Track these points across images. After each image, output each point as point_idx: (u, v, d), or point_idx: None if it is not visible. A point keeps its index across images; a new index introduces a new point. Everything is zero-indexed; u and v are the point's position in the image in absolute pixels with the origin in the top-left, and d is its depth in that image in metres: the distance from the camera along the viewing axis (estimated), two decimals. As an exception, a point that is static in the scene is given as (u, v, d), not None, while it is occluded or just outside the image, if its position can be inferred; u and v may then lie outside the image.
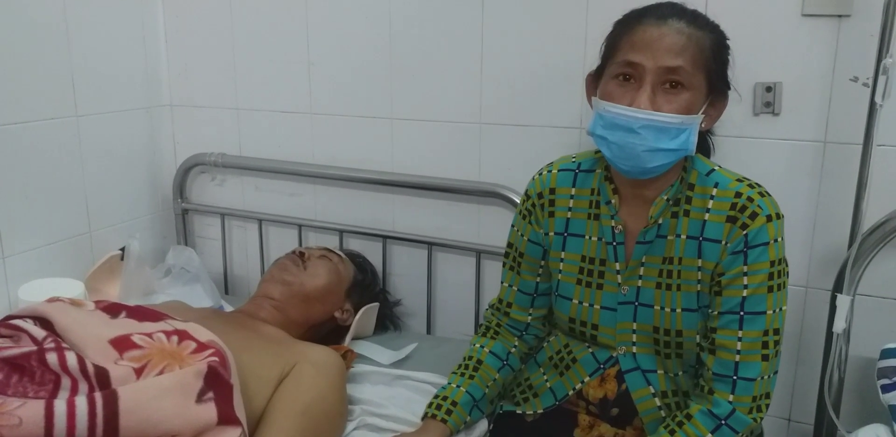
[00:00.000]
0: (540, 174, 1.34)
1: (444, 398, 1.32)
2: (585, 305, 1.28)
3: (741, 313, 1.15)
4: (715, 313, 1.18)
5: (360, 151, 1.88)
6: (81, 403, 0.98)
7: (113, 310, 1.23)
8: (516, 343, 1.39)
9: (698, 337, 1.21)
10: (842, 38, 1.40)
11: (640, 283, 1.24)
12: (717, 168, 1.21)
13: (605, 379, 1.29)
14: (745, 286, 1.15)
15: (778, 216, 1.16)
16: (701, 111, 1.14)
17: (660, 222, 1.21)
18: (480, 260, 1.79)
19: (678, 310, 1.21)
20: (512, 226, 1.38)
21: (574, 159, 1.32)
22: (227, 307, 1.84)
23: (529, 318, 1.38)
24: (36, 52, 1.72)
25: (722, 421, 1.16)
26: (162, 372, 1.07)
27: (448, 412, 1.30)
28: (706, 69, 1.13)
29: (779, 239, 1.15)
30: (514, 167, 1.70)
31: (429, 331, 1.89)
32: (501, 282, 1.41)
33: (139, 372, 1.07)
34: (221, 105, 2.04)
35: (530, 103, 1.68)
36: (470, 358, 1.38)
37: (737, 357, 1.15)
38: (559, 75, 1.62)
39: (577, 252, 1.29)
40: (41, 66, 1.74)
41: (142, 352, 1.10)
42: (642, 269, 1.23)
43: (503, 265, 1.40)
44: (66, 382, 1.04)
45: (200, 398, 1.06)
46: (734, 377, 1.16)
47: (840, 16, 1.39)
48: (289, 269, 1.62)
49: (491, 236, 1.76)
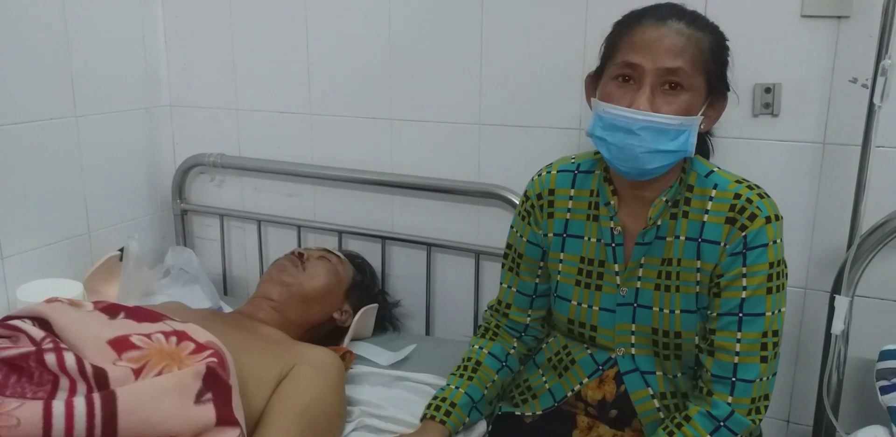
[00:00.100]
0: (539, 175, 1.34)
1: (443, 400, 1.32)
2: (584, 306, 1.28)
3: (740, 314, 1.15)
4: (714, 314, 1.18)
5: (359, 152, 1.88)
6: (80, 404, 0.98)
7: (111, 311, 1.23)
8: (515, 344, 1.39)
9: (697, 339, 1.21)
10: (841, 39, 1.40)
11: (638, 284, 1.24)
12: (716, 169, 1.21)
13: (604, 381, 1.29)
14: (743, 288, 1.15)
15: (777, 218, 1.16)
16: (700, 112, 1.14)
17: (659, 223, 1.21)
18: (479, 261, 1.79)
19: (677, 311, 1.21)
20: (511, 227, 1.38)
21: (573, 160, 1.32)
22: (226, 308, 1.84)
23: (528, 319, 1.38)
24: (35, 52, 1.72)
25: (721, 423, 1.16)
26: (160, 373, 1.07)
27: (447, 413, 1.30)
28: (705, 70, 1.12)
29: (778, 240, 1.15)
30: (513, 168, 1.70)
31: (428, 332, 1.89)
32: (500, 283, 1.41)
33: (138, 373, 1.07)
34: (221, 106, 2.04)
35: (529, 104, 1.67)
36: (469, 359, 1.38)
37: (736, 359, 1.15)
38: (558, 76, 1.62)
39: (575, 253, 1.29)
40: (40, 66, 1.73)
41: (140, 353, 1.10)
42: (641, 270, 1.23)
43: (502, 266, 1.40)
44: (64, 382, 1.04)
45: (199, 398, 1.06)
46: (733, 379, 1.16)
47: (839, 17, 1.39)
48: (288, 270, 1.61)
49: (490, 237, 1.76)
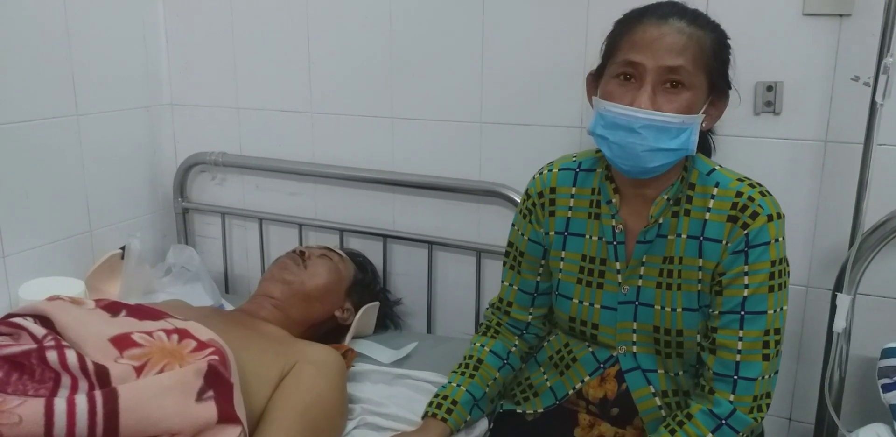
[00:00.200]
0: (540, 173, 1.34)
1: (445, 397, 1.32)
2: (586, 304, 1.28)
3: (742, 312, 1.15)
4: (715, 312, 1.18)
5: (360, 151, 1.88)
6: (81, 401, 0.98)
7: (113, 309, 1.23)
8: (517, 342, 1.39)
9: (699, 337, 1.21)
10: (843, 37, 1.40)
11: (640, 282, 1.24)
12: (717, 168, 1.21)
13: (605, 379, 1.29)
14: (745, 286, 1.15)
15: (779, 216, 1.15)
16: (702, 111, 1.14)
17: (660, 221, 1.21)
18: (481, 259, 1.79)
19: (679, 310, 1.21)
20: (512, 225, 1.38)
21: (575, 159, 1.32)
22: (228, 306, 1.84)
23: (530, 317, 1.38)
24: (36, 50, 1.72)
25: (722, 421, 1.15)
26: (162, 371, 1.07)
27: (448, 411, 1.30)
28: (707, 69, 1.12)
29: (780, 239, 1.15)
30: (514, 166, 1.70)
31: (429, 330, 1.89)
32: (502, 281, 1.41)
33: (139, 371, 1.07)
34: (222, 104, 2.04)
35: (531, 102, 1.67)
36: (470, 357, 1.38)
37: (737, 357, 1.15)
38: (560, 74, 1.62)
39: (577, 251, 1.29)
40: (41, 64, 1.74)
41: (142, 350, 1.10)
42: (643, 268, 1.23)
43: (504, 264, 1.40)
44: (66, 380, 1.04)
45: (200, 396, 1.06)
46: (735, 377, 1.15)
47: (841, 15, 1.39)
48: (289, 268, 1.62)
49: (491, 236, 1.76)
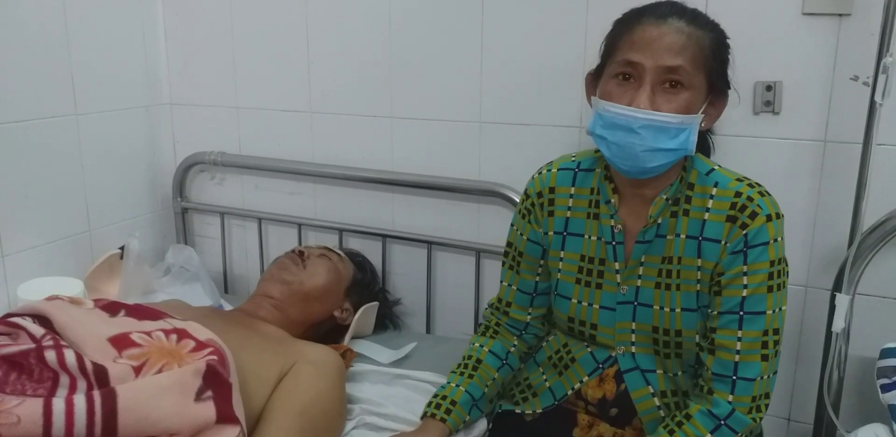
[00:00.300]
0: (539, 173, 1.34)
1: (444, 398, 1.32)
2: (584, 304, 1.28)
3: (741, 312, 1.15)
4: (714, 312, 1.18)
5: (359, 150, 1.88)
6: (80, 401, 0.98)
7: (112, 308, 1.23)
8: (515, 343, 1.39)
9: (698, 337, 1.21)
10: (842, 36, 1.40)
11: (639, 282, 1.24)
12: (716, 167, 1.21)
13: (604, 379, 1.29)
14: (744, 286, 1.15)
15: (778, 216, 1.15)
16: (701, 111, 1.14)
17: (659, 221, 1.21)
18: (480, 259, 1.79)
19: (677, 310, 1.21)
20: (511, 225, 1.38)
21: (574, 158, 1.32)
22: (227, 306, 1.84)
23: (529, 317, 1.38)
24: (35, 50, 1.72)
25: (721, 421, 1.15)
26: (161, 371, 1.07)
27: (447, 411, 1.30)
28: (706, 68, 1.12)
29: (779, 239, 1.15)
30: (513, 166, 1.70)
31: (428, 330, 1.89)
32: (501, 281, 1.40)
33: (138, 370, 1.07)
34: (221, 104, 2.04)
35: (530, 102, 1.67)
36: (469, 357, 1.37)
37: (736, 357, 1.15)
38: (559, 74, 1.62)
39: (576, 251, 1.29)
40: (41, 64, 1.73)
41: (141, 350, 1.10)
42: (641, 268, 1.23)
43: (503, 264, 1.40)
44: (64, 380, 1.04)
45: (199, 396, 1.05)
46: (734, 377, 1.15)
47: (840, 15, 1.39)
48: (288, 268, 1.62)
49: (490, 236, 1.76)
